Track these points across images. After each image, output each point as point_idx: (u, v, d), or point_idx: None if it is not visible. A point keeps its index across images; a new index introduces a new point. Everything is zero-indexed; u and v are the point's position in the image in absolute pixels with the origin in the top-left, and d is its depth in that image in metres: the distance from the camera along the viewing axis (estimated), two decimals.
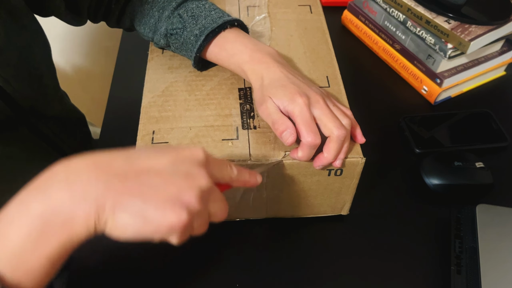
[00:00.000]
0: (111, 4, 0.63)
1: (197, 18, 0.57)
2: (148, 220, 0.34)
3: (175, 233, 0.35)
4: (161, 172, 0.36)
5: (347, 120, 0.49)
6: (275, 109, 0.48)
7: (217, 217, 0.40)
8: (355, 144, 0.52)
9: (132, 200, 0.34)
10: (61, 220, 0.33)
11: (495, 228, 0.56)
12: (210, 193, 0.38)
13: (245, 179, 0.43)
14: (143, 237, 0.34)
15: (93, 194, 0.33)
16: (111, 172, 0.34)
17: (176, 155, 0.37)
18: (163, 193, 0.34)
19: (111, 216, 0.33)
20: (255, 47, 0.54)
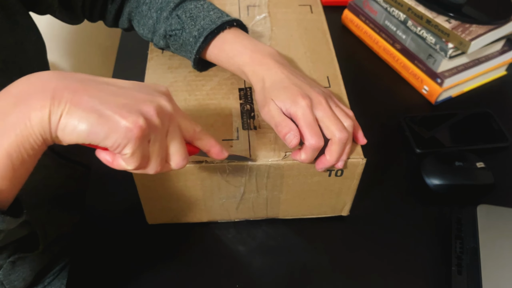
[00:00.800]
0: (107, 3, 0.62)
1: (195, 19, 0.56)
2: (103, 117, 0.33)
3: (129, 139, 0.34)
4: (123, 87, 0.36)
5: (349, 121, 0.49)
6: (278, 111, 0.48)
7: (174, 160, 0.39)
8: (355, 145, 0.52)
9: (90, 99, 0.33)
10: (17, 110, 0.33)
11: (496, 229, 0.56)
12: (170, 119, 0.37)
13: (210, 142, 0.43)
14: (95, 139, 0.33)
15: (51, 87, 0.33)
16: (72, 77, 0.35)
17: (139, 82, 0.38)
18: (121, 100, 0.34)
19: (66, 109, 0.33)
20: (255, 48, 0.54)
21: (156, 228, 0.59)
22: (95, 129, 0.33)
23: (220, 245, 0.58)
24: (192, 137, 0.41)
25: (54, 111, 0.33)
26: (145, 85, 0.38)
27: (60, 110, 0.33)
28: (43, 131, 0.33)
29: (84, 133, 0.33)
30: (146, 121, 0.34)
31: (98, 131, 0.33)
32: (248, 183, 0.53)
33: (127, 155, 0.35)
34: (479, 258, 0.54)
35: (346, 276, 0.56)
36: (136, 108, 0.34)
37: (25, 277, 0.64)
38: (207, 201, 0.55)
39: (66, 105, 0.33)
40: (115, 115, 0.33)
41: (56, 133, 0.33)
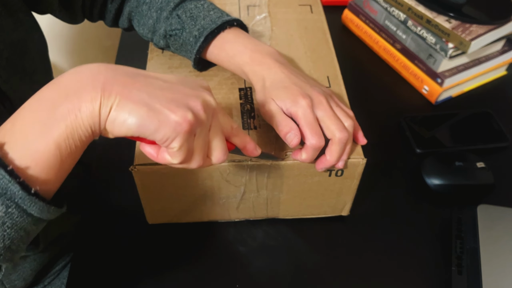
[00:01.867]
0: (107, 3, 0.62)
1: (195, 18, 0.56)
2: (153, 111, 0.33)
3: (178, 133, 0.34)
4: (169, 81, 0.37)
5: (350, 121, 0.49)
6: (278, 110, 0.48)
7: (216, 154, 0.39)
8: (356, 145, 0.52)
9: (139, 92, 0.34)
10: (68, 101, 0.33)
11: (496, 229, 0.56)
12: (214, 115, 0.38)
13: (245, 138, 0.43)
14: (144, 132, 0.34)
15: (101, 80, 0.33)
16: (121, 69, 0.35)
17: (183, 77, 0.38)
18: (169, 94, 0.35)
19: (116, 102, 0.33)
20: (255, 48, 0.54)
21: (156, 228, 0.59)
22: (145, 122, 0.33)
23: (220, 245, 0.58)
24: (230, 133, 0.42)
25: (105, 104, 0.33)
26: (189, 80, 0.39)
27: (110, 102, 0.33)
28: (92, 123, 0.33)
29: (134, 126, 0.33)
30: (194, 116, 0.35)
31: (148, 124, 0.33)
32: (249, 183, 0.53)
33: (174, 148, 0.35)
34: (479, 258, 0.54)
35: (346, 276, 0.56)
36: (184, 103, 0.35)
37: (25, 276, 0.64)
38: (207, 201, 0.55)
39: (116, 98, 0.33)
40: (165, 109, 0.34)
41: (105, 125, 0.34)
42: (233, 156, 0.50)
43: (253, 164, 0.50)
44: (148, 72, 0.37)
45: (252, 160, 0.50)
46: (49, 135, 0.33)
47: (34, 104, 0.34)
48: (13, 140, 0.33)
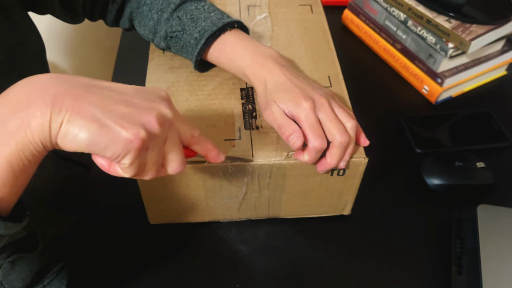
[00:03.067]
0: (108, 3, 0.62)
1: (196, 20, 0.56)
2: (104, 128, 0.33)
3: (129, 151, 0.34)
4: (124, 93, 0.35)
5: (352, 122, 0.49)
6: (281, 113, 0.48)
7: (171, 166, 0.39)
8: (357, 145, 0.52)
9: (91, 107, 0.33)
10: (17, 117, 0.32)
11: (496, 229, 0.56)
12: (170, 127, 0.37)
13: (207, 146, 0.43)
14: (95, 149, 0.33)
15: (52, 93, 0.32)
16: (74, 81, 0.34)
17: (140, 87, 0.38)
18: (123, 108, 0.34)
19: (67, 117, 0.32)
20: (256, 50, 0.54)
21: (158, 228, 0.59)
22: (96, 139, 0.33)
23: (221, 245, 0.58)
24: (190, 141, 0.41)
25: (55, 119, 0.32)
26: (146, 90, 0.37)
27: (61, 117, 0.32)
28: (43, 138, 0.33)
29: (84, 143, 0.33)
30: (147, 132, 0.34)
31: (99, 141, 0.33)
32: (250, 183, 0.53)
33: (125, 165, 0.35)
34: (479, 258, 0.54)
35: (347, 275, 0.56)
36: (137, 119, 0.34)
37: (24, 277, 0.64)
38: (209, 201, 0.56)
39: (67, 113, 0.32)
40: (116, 125, 0.33)
41: (56, 140, 0.33)
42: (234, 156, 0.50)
43: (255, 164, 0.50)
44: (103, 82, 0.36)
45: (254, 160, 0.50)
46: (0, 153, 0.32)
47: None
48: None
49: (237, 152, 0.50)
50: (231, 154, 0.50)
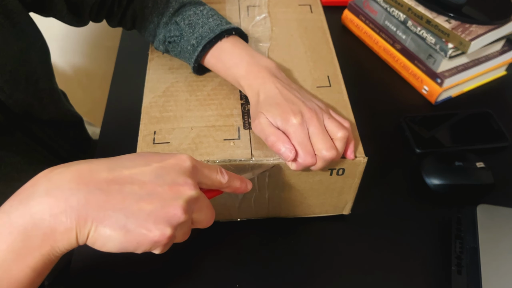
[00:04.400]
0: (114, 7, 0.63)
1: (194, 26, 0.56)
2: (130, 234, 0.34)
3: (158, 247, 0.35)
4: (145, 183, 0.35)
5: (342, 133, 0.48)
6: (268, 124, 0.48)
7: (202, 224, 0.40)
8: (357, 144, 0.52)
9: (115, 214, 0.33)
10: (42, 233, 0.33)
11: (496, 229, 0.56)
12: (196, 202, 0.37)
13: (236, 185, 0.43)
14: (125, 250, 0.35)
15: (74, 206, 0.33)
16: (93, 183, 0.34)
17: (162, 164, 0.37)
18: (146, 207, 0.34)
19: (93, 229, 0.33)
20: (252, 60, 0.53)
21: None
22: (124, 246, 0.34)
23: (221, 244, 0.58)
24: (219, 188, 0.42)
25: (80, 232, 0.33)
26: (168, 170, 0.36)
27: (87, 230, 0.33)
28: (69, 247, 0.34)
29: (113, 250, 0.34)
30: (173, 227, 0.35)
31: (127, 246, 0.34)
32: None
33: (156, 252, 0.37)
34: (479, 258, 0.54)
35: (347, 275, 0.56)
36: (162, 216, 0.34)
37: None
38: None
39: (92, 225, 0.33)
40: (142, 229, 0.34)
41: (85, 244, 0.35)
42: (233, 156, 0.50)
43: (254, 164, 0.50)
44: (124, 171, 0.35)
45: (254, 159, 0.50)
46: (24, 263, 0.33)
47: (5, 228, 0.33)
48: None
49: (237, 150, 0.50)
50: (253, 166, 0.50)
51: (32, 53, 0.56)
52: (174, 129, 0.53)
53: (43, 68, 0.59)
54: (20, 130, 0.59)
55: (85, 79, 1.29)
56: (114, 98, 0.76)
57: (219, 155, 0.50)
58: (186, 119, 0.54)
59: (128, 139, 0.55)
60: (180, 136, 0.52)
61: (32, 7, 0.57)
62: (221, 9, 0.68)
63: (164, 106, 0.55)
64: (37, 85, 0.58)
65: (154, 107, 0.55)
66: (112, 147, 0.68)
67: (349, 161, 0.51)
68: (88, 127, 0.83)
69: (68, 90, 0.80)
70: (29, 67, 0.55)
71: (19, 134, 0.59)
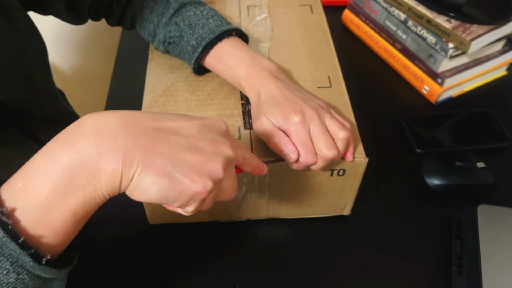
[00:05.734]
0: (112, 5, 0.62)
1: (194, 27, 0.56)
2: (174, 182, 0.33)
3: (195, 201, 0.35)
4: (189, 136, 0.36)
5: (343, 133, 0.48)
6: (270, 125, 0.48)
7: (227, 194, 0.40)
8: (357, 144, 0.52)
9: (161, 160, 0.33)
10: (87, 171, 0.32)
11: (496, 229, 0.56)
12: (231, 163, 0.38)
13: (255, 164, 0.43)
14: (164, 201, 0.34)
15: (122, 147, 0.32)
16: (140, 127, 0.34)
17: (202, 122, 0.37)
18: (191, 158, 0.34)
19: (137, 172, 0.32)
20: (252, 61, 0.53)
21: (157, 228, 0.59)
22: (166, 194, 0.34)
23: (221, 245, 0.58)
24: (241, 163, 0.42)
25: (126, 174, 0.32)
26: (209, 128, 0.37)
27: (132, 172, 0.32)
28: (112, 191, 0.33)
29: (155, 197, 0.34)
30: (214, 182, 0.35)
31: (169, 195, 0.34)
32: (250, 183, 0.53)
33: (188, 210, 0.36)
34: (479, 258, 0.54)
35: (347, 275, 0.56)
36: (205, 169, 0.35)
37: None
38: None
39: (138, 167, 0.32)
40: (186, 179, 0.34)
41: (125, 191, 0.34)
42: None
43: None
44: (169, 122, 0.36)
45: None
46: (66, 203, 0.32)
47: (49, 166, 0.32)
48: (26, 206, 0.32)
49: None
50: None
51: (30, 51, 0.56)
52: None
53: (40, 67, 0.59)
54: (16, 128, 0.58)
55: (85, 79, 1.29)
56: (114, 98, 0.76)
57: None
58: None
59: None
60: None
61: (30, 5, 0.56)
62: (221, 9, 0.68)
63: (164, 106, 0.55)
64: (34, 83, 0.58)
65: (154, 107, 0.55)
66: None
67: (350, 162, 0.51)
68: None
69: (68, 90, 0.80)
70: (26, 65, 0.55)
71: (15, 132, 0.58)
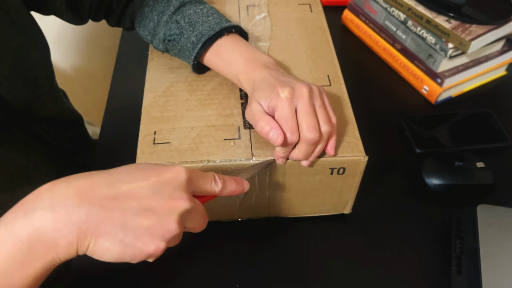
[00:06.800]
0: (113, 4, 0.62)
1: (194, 24, 0.56)
2: (127, 249, 0.36)
3: (152, 258, 0.38)
4: (143, 198, 0.37)
5: (326, 127, 0.46)
6: (259, 110, 0.47)
7: (195, 230, 0.42)
8: (357, 143, 0.52)
9: (114, 228, 0.35)
10: (45, 245, 0.34)
11: (495, 229, 0.56)
12: (190, 213, 0.39)
13: (231, 190, 0.43)
14: (121, 261, 0.37)
15: (76, 222, 0.34)
16: (94, 199, 0.36)
17: (158, 178, 0.38)
18: (144, 222, 0.36)
19: (92, 242, 0.35)
20: (251, 56, 0.53)
21: None
22: (121, 257, 0.36)
23: (221, 244, 0.58)
24: (216, 195, 0.43)
25: (81, 245, 0.35)
26: (164, 184, 0.38)
27: (87, 243, 0.35)
28: (69, 257, 0.36)
29: (111, 260, 0.36)
30: (166, 242, 0.37)
31: (124, 258, 0.36)
32: (251, 182, 0.53)
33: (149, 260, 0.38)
34: (479, 258, 0.54)
35: (347, 274, 0.56)
36: (158, 232, 0.36)
37: None
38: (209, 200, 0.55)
39: (92, 239, 0.35)
40: (138, 243, 0.36)
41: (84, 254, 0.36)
42: (234, 155, 0.50)
43: (255, 164, 0.50)
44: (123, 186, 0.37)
45: (254, 159, 0.50)
46: (25, 273, 0.35)
47: (9, 239, 0.34)
48: None
49: (237, 150, 0.50)
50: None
51: (32, 49, 0.56)
52: (175, 129, 0.53)
53: (42, 65, 0.59)
54: (19, 127, 0.59)
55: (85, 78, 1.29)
56: (114, 98, 0.76)
57: (220, 155, 0.50)
58: (187, 119, 0.54)
59: (128, 139, 0.55)
60: (180, 136, 0.52)
61: (32, 4, 0.57)
62: (221, 9, 0.68)
63: (164, 106, 0.55)
64: (37, 81, 0.58)
65: (154, 107, 0.55)
66: (112, 147, 0.68)
67: (350, 160, 0.51)
68: (88, 126, 0.83)
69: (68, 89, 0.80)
70: (28, 63, 0.55)
71: (18, 131, 0.59)
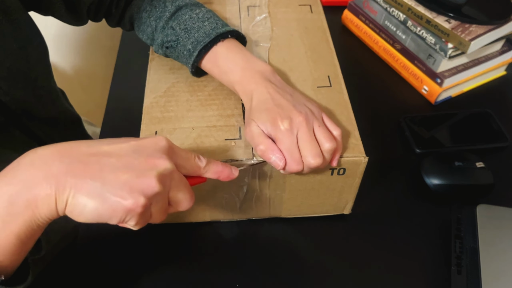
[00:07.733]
0: (112, 8, 0.63)
1: (189, 31, 0.56)
2: (105, 202, 0.35)
3: (132, 216, 0.36)
4: (122, 156, 0.37)
5: (329, 145, 0.47)
6: (258, 133, 0.48)
7: (180, 205, 0.40)
8: (357, 144, 0.52)
9: (92, 182, 0.35)
10: (24, 199, 0.35)
11: (495, 229, 0.57)
12: (172, 177, 0.38)
13: (217, 169, 0.44)
14: (101, 219, 0.36)
15: (54, 175, 0.35)
16: (73, 155, 0.36)
17: (139, 142, 0.39)
18: (122, 176, 0.36)
19: (71, 196, 0.35)
20: (246, 65, 0.53)
21: (158, 227, 0.59)
22: (99, 212, 0.35)
23: (222, 244, 0.58)
24: (199, 173, 0.43)
25: (60, 198, 0.35)
26: (145, 146, 0.38)
27: (65, 196, 0.35)
28: (50, 214, 0.36)
29: (90, 216, 0.35)
30: (147, 197, 0.36)
31: (103, 214, 0.35)
32: (251, 183, 0.53)
33: (131, 225, 0.37)
34: (479, 258, 0.54)
35: (347, 274, 0.56)
36: (137, 185, 0.36)
37: None
38: (209, 200, 0.56)
39: (70, 192, 0.35)
40: (117, 197, 0.35)
41: (64, 213, 0.36)
42: (235, 155, 0.50)
43: (256, 164, 0.50)
44: (103, 146, 0.37)
45: (255, 159, 0.50)
46: (8, 229, 0.35)
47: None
48: None
49: (238, 150, 0.50)
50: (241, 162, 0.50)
51: (31, 50, 0.56)
52: (175, 129, 0.53)
53: (41, 66, 0.59)
54: (18, 128, 0.59)
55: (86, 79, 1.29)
56: (115, 98, 0.76)
57: (221, 155, 0.50)
58: (187, 119, 0.54)
59: None
60: (181, 136, 0.52)
61: (30, 5, 0.57)
62: (221, 10, 0.68)
63: (165, 106, 0.55)
64: (35, 83, 0.58)
65: (155, 107, 0.55)
66: None
67: (350, 161, 0.51)
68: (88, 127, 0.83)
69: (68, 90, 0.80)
70: (27, 64, 0.55)
71: (17, 132, 0.59)
